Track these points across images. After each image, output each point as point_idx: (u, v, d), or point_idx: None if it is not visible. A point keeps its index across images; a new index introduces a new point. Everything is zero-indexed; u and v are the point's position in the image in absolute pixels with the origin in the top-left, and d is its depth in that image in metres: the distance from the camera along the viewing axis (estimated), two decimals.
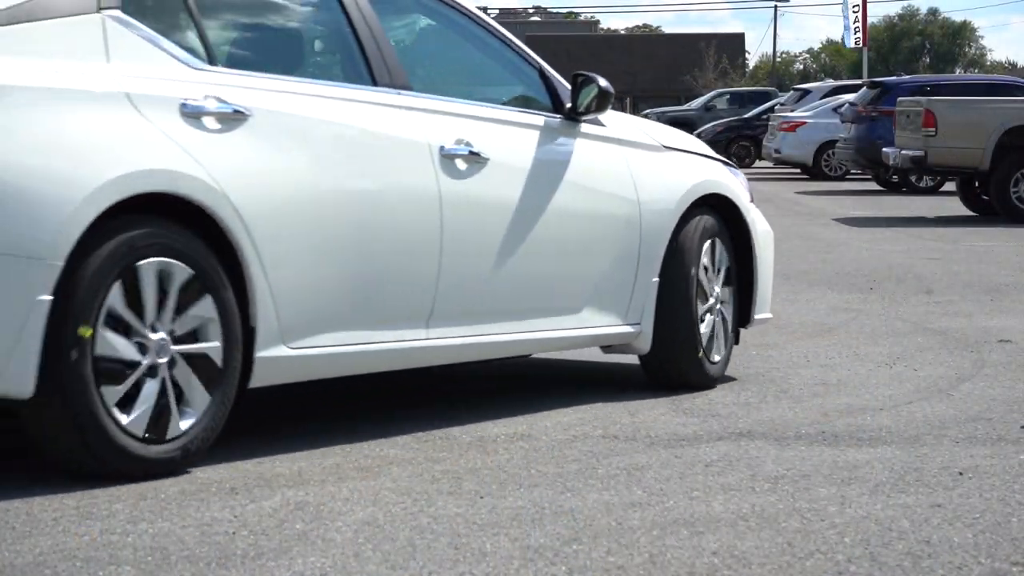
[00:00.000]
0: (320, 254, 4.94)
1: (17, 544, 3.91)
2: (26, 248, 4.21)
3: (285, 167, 4.87)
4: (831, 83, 38.09)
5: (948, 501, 4.40)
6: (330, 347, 5.04)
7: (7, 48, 4.37)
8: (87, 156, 4.38)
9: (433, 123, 5.39)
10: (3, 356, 4.19)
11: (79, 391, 4.33)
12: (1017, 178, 17.18)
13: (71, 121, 4.40)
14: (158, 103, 4.62)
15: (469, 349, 5.60)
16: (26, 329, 4.20)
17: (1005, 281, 10.82)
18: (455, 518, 4.19)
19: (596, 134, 6.01)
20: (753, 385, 6.56)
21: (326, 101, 5.09)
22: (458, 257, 5.39)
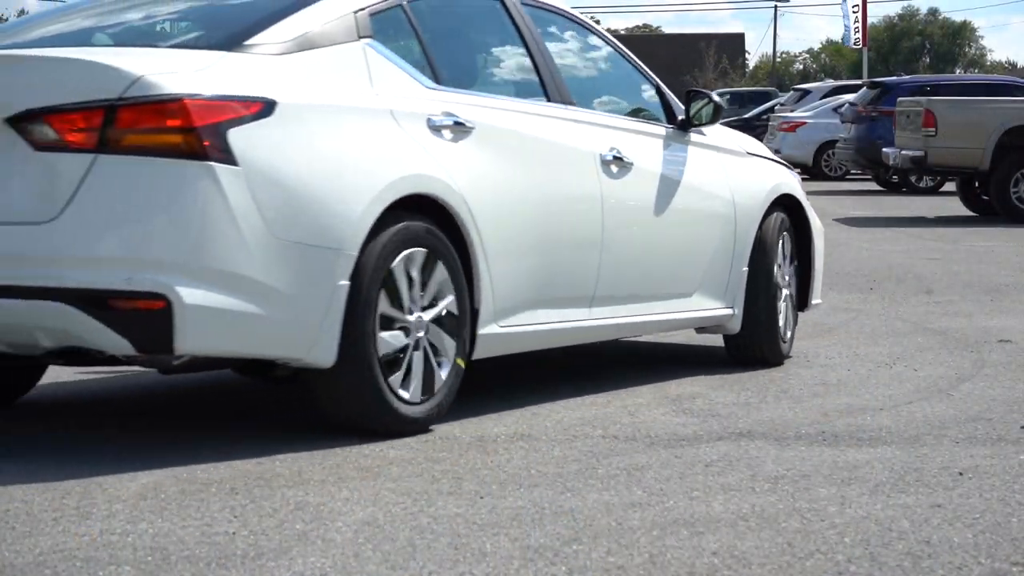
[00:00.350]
0: (521, 246, 5.73)
1: (17, 544, 3.91)
2: (329, 241, 4.92)
3: (499, 172, 5.66)
4: (831, 83, 38.10)
5: (948, 501, 4.40)
6: (525, 326, 5.84)
7: (295, 73, 5.11)
8: (369, 162, 5.15)
9: (592, 133, 6.26)
10: (313, 332, 4.89)
11: (368, 365, 5.06)
12: (1017, 178, 17.18)
13: (353, 132, 5.17)
14: (412, 118, 5.41)
15: (616, 329, 6.47)
16: (330, 309, 4.91)
17: (1005, 281, 10.82)
18: (455, 518, 4.19)
19: (701, 142, 6.90)
20: (753, 385, 6.56)
21: (520, 115, 5.95)
22: (612, 248, 6.21)
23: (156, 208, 4.66)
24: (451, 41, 6.04)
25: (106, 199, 4.64)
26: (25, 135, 4.71)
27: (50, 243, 4.64)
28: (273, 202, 4.79)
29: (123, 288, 4.57)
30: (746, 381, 6.65)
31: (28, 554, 3.82)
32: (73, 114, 4.67)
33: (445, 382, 5.43)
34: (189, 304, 4.58)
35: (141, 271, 4.59)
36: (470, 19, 6.23)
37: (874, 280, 10.93)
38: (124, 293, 4.57)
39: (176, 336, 4.59)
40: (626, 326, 6.49)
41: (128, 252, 4.63)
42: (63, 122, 4.67)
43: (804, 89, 34.39)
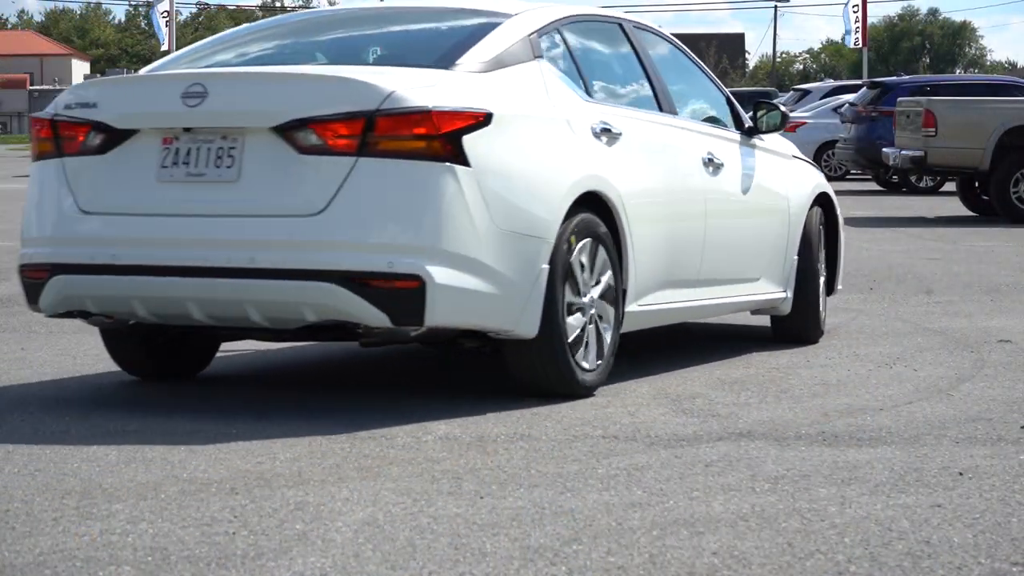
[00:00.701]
0: (654, 234, 6.57)
1: (17, 544, 3.91)
2: (535, 230, 5.79)
3: (640, 171, 6.54)
4: (831, 83, 38.10)
5: (948, 501, 4.40)
6: (654, 305, 6.66)
7: (496, 88, 5.95)
8: (559, 164, 6.03)
9: (693, 138, 7.15)
10: (522, 308, 5.73)
11: (561, 338, 5.89)
12: (1017, 178, 17.18)
13: (545, 138, 6.05)
14: (581, 126, 6.27)
15: (711, 309, 7.36)
16: (535, 289, 5.76)
17: (1005, 281, 10.82)
18: (455, 518, 4.19)
19: (762, 146, 7.79)
20: (753, 385, 6.56)
21: (648, 123, 6.81)
22: (711, 237, 7.06)
23: (408, 202, 5.51)
24: (591, 59, 6.82)
25: (366, 195, 5.51)
26: (290, 141, 5.56)
27: (318, 232, 5.50)
28: (495, 197, 5.67)
29: (384, 270, 5.45)
30: (746, 381, 6.66)
31: (28, 554, 3.82)
32: (336, 123, 5.51)
33: (610, 346, 6.26)
34: (439, 284, 5.48)
35: (399, 256, 5.46)
36: (600, 40, 7.03)
37: (874, 280, 10.93)
38: (385, 274, 5.45)
39: (427, 311, 5.49)
40: (715, 306, 7.37)
41: (386, 239, 5.50)
42: (327, 130, 5.52)
43: (804, 89, 34.38)
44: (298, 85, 5.72)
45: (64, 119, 5.95)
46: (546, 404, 6.02)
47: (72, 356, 7.38)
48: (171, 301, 5.69)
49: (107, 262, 5.73)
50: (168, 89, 5.77)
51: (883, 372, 6.91)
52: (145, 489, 4.52)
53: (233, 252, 5.57)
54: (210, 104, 5.64)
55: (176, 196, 5.73)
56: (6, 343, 7.84)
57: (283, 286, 5.51)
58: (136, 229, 5.75)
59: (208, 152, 5.68)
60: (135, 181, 5.79)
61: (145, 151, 5.78)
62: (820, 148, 28.08)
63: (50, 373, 6.86)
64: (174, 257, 5.64)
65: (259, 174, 5.62)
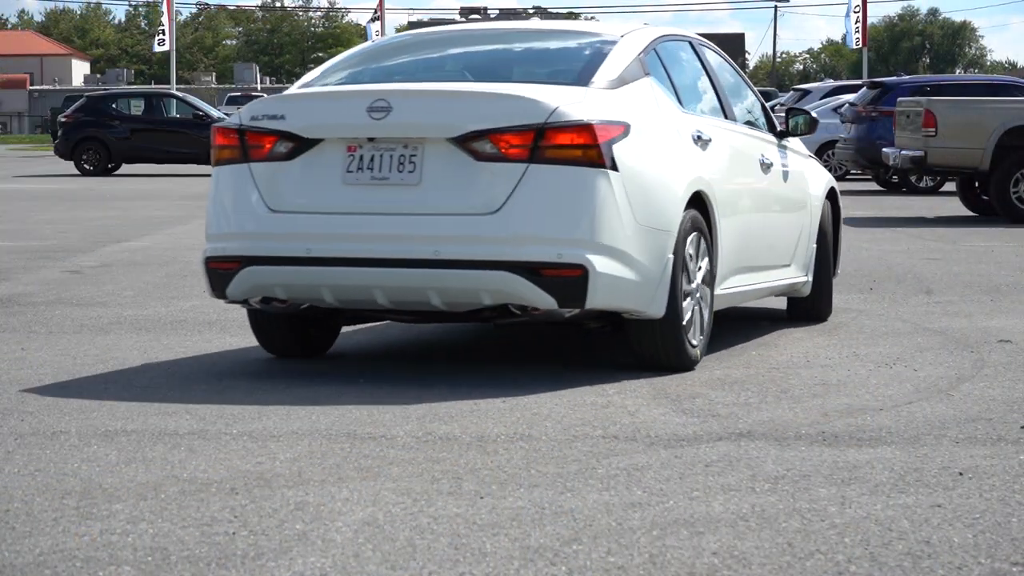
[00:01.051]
0: (733, 227, 7.44)
1: (17, 544, 3.91)
2: (664, 224, 6.62)
3: (723, 173, 7.40)
4: (831, 83, 38.07)
5: (948, 501, 4.40)
6: (729, 289, 7.50)
7: (624, 102, 6.78)
8: (676, 167, 6.86)
9: (752, 142, 8.12)
10: (654, 292, 6.53)
11: (679, 318, 6.69)
12: (1017, 178, 17.17)
13: (665, 145, 6.89)
14: (685, 134, 7.11)
15: (759, 292, 8.13)
16: (663, 275, 6.57)
17: (1005, 281, 10.82)
18: (455, 518, 4.19)
19: (789, 147, 8.67)
20: (753, 385, 6.56)
21: (723, 130, 7.67)
22: (763, 229, 7.96)
23: (571, 202, 6.35)
24: (678, 73, 7.59)
25: (536, 196, 6.33)
26: (468, 150, 6.39)
27: (495, 229, 6.32)
28: (635, 197, 6.50)
29: (554, 260, 6.28)
30: (746, 381, 6.66)
31: (28, 554, 3.82)
32: (510, 134, 6.35)
33: (708, 325, 7.11)
34: (599, 272, 6.32)
35: (565, 248, 6.30)
36: (680, 56, 7.82)
37: (874, 280, 10.93)
38: (554, 264, 6.28)
39: (588, 296, 6.31)
40: (760, 290, 8.10)
41: (554, 234, 6.32)
42: (501, 140, 6.36)
43: (804, 89, 34.35)
44: (475, 101, 6.51)
45: (251, 129, 6.67)
46: (546, 404, 6.03)
47: (72, 356, 7.38)
48: (358, 289, 6.49)
49: (300, 255, 6.50)
50: (354, 104, 6.54)
51: (883, 372, 6.91)
52: (145, 489, 4.52)
53: (418, 246, 6.36)
54: (394, 117, 6.44)
55: (362, 197, 6.51)
56: (6, 343, 7.84)
57: (464, 275, 6.34)
58: (326, 226, 6.51)
59: (391, 159, 6.49)
60: (322, 184, 6.56)
61: (331, 157, 6.56)
62: (820, 148, 28.03)
63: (50, 373, 6.86)
64: (363, 250, 6.43)
65: (439, 178, 6.43)
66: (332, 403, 6.09)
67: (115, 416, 5.82)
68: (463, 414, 5.82)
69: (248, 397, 6.25)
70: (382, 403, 6.09)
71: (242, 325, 8.48)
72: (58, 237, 14.83)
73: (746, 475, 4.76)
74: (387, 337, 8.11)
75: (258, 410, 5.93)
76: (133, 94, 35.07)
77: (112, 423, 5.67)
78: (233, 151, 6.71)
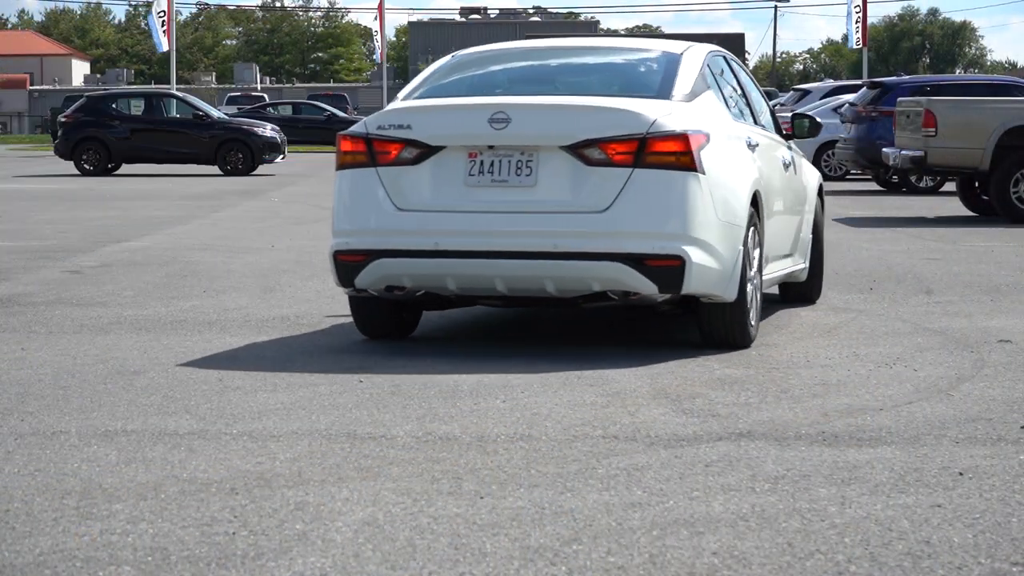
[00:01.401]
0: (770, 223, 8.31)
1: (17, 544, 3.91)
2: (737, 220, 7.54)
3: (766, 174, 8.31)
4: (831, 83, 38.06)
5: (948, 501, 4.40)
6: (766, 276, 8.32)
7: (698, 113, 7.61)
8: (741, 169, 7.81)
9: (777, 146, 9.00)
10: (729, 279, 7.39)
11: (746, 302, 7.59)
12: (1017, 178, 17.15)
13: (731, 150, 7.78)
14: (741, 139, 8.04)
15: (781, 277, 8.97)
16: (736, 265, 7.44)
17: (1005, 281, 10.82)
18: (455, 518, 4.19)
19: (791, 147, 9.49)
20: (753, 385, 6.56)
21: (758, 135, 8.49)
22: (785, 222, 8.86)
23: (670, 201, 7.23)
24: (723, 85, 8.44)
25: (640, 196, 7.21)
26: (579, 156, 7.28)
27: (605, 225, 7.20)
28: (716, 196, 7.36)
29: (657, 252, 7.16)
30: (746, 381, 6.66)
31: (28, 554, 3.82)
32: (617, 143, 7.25)
33: (759, 305, 8.02)
34: (694, 262, 7.19)
35: (666, 241, 7.18)
36: (723, 70, 8.68)
37: (874, 280, 10.93)
38: (657, 255, 7.16)
39: (684, 283, 7.18)
40: (781, 277, 8.94)
41: (656, 229, 7.20)
42: (609, 148, 7.25)
43: (804, 89, 34.34)
44: (585, 114, 7.40)
45: (378, 137, 7.47)
46: (546, 404, 6.03)
47: (72, 356, 7.38)
48: (480, 278, 7.33)
49: (429, 248, 7.30)
50: (476, 115, 7.40)
51: (883, 372, 6.91)
52: (145, 489, 4.52)
53: (536, 240, 7.22)
54: (513, 128, 7.31)
55: (483, 197, 7.34)
56: (6, 343, 7.84)
57: (578, 265, 7.19)
58: (451, 223, 7.32)
59: (509, 164, 7.35)
60: (446, 185, 7.38)
61: (453, 163, 7.39)
62: (820, 148, 28.03)
63: (50, 373, 6.86)
64: (485, 244, 7.27)
65: (553, 180, 7.31)
66: (332, 403, 6.09)
67: (115, 416, 5.82)
68: (463, 414, 5.82)
69: (248, 397, 6.25)
70: (382, 403, 6.09)
71: (242, 325, 8.48)
72: (58, 237, 14.83)
73: (746, 475, 4.76)
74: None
75: (258, 410, 5.93)
76: (133, 94, 35.06)
77: (112, 423, 5.67)
78: (360, 156, 7.52)
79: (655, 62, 8.13)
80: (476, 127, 7.35)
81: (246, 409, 5.96)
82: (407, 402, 6.11)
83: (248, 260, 12.37)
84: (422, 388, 6.44)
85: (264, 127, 31.61)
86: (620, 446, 5.23)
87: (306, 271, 11.43)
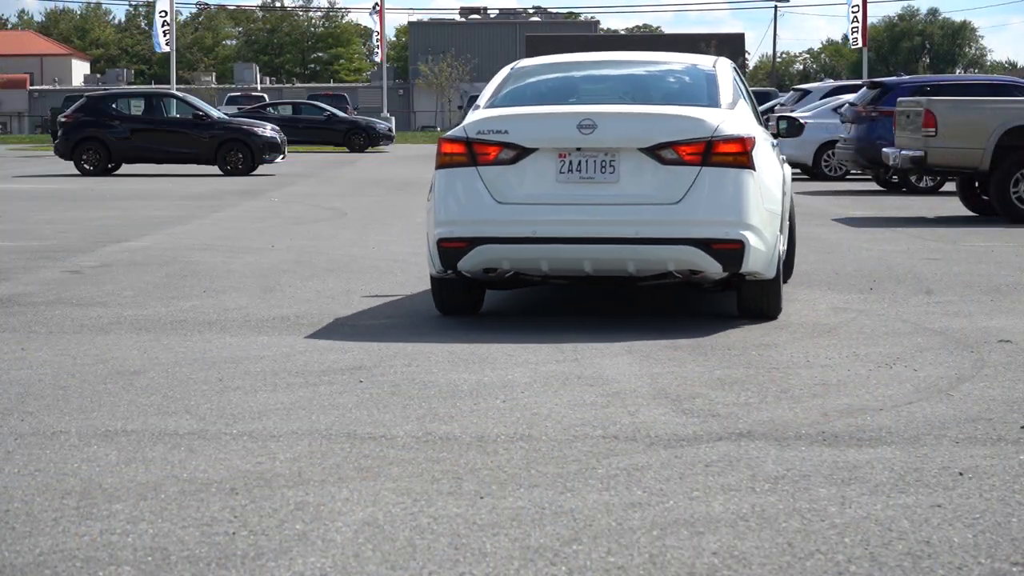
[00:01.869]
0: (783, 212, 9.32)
1: (17, 544, 3.91)
2: (776, 208, 8.89)
3: (784, 168, 9.76)
4: (831, 83, 38.05)
5: (948, 501, 4.40)
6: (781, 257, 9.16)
7: (740, 119, 8.80)
8: (775, 166, 9.32)
9: (774, 143, 9.91)
10: (770, 259, 8.58)
11: (780, 280, 8.84)
12: (1017, 178, 17.14)
13: (767, 150, 9.10)
14: (770, 140, 9.60)
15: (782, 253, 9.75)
16: (776, 246, 8.68)
17: (1005, 281, 10.82)
18: (455, 518, 4.19)
19: (776, 143, 10.31)
20: (753, 385, 6.56)
21: (769, 135, 9.66)
22: (785, 207, 9.56)
23: (731, 194, 8.41)
24: (744, 94, 9.59)
25: (707, 190, 8.40)
26: (655, 156, 8.46)
27: (678, 215, 8.36)
28: (763, 189, 8.62)
29: (723, 237, 8.34)
30: (746, 381, 6.66)
31: (28, 554, 3.82)
32: (687, 145, 8.44)
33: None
34: (752, 246, 8.39)
35: (729, 228, 8.35)
36: (738, 80, 9.81)
37: (874, 280, 10.93)
38: (723, 240, 8.34)
39: (743, 263, 8.38)
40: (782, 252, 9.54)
41: (721, 217, 8.36)
42: (681, 149, 8.44)
43: (804, 89, 34.32)
44: (660, 120, 8.63)
45: (477, 140, 8.55)
46: (546, 404, 6.03)
47: (72, 356, 7.38)
48: (571, 261, 8.42)
49: (527, 235, 8.38)
50: (566, 122, 8.54)
51: (883, 372, 6.91)
52: (145, 489, 4.52)
53: (620, 228, 8.35)
54: (599, 133, 8.46)
55: (572, 192, 8.46)
56: (6, 343, 7.84)
57: (656, 249, 8.36)
58: (545, 213, 8.42)
59: (594, 163, 8.48)
60: (539, 182, 8.50)
61: (545, 162, 8.52)
62: (820, 148, 28.03)
63: (50, 373, 6.86)
64: (576, 231, 8.37)
65: (632, 177, 8.47)
66: (332, 403, 6.09)
67: (115, 416, 5.82)
68: (463, 414, 5.82)
69: (248, 397, 6.25)
70: (382, 403, 6.09)
71: (242, 325, 8.48)
72: (58, 237, 14.83)
73: (746, 475, 4.76)
74: (386, 334, 8.12)
75: (258, 410, 5.93)
76: (133, 94, 35.02)
77: (112, 423, 5.67)
78: (460, 157, 8.59)
79: (696, 74, 9.51)
80: (566, 132, 8.50)
81: (246, 409, 5.96)
82: (407, 402, 6.11)
83: (248, 260, 12.37)
84: (422, 388, 6.45)
85: (264, 127, 31.59)
86: (620, 446, 5.23)
87: (306, 271, 11.43)
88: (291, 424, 5.63)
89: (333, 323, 8.60)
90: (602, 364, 7.12)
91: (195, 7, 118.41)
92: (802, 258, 12.59)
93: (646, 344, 7.80)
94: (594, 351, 7.57)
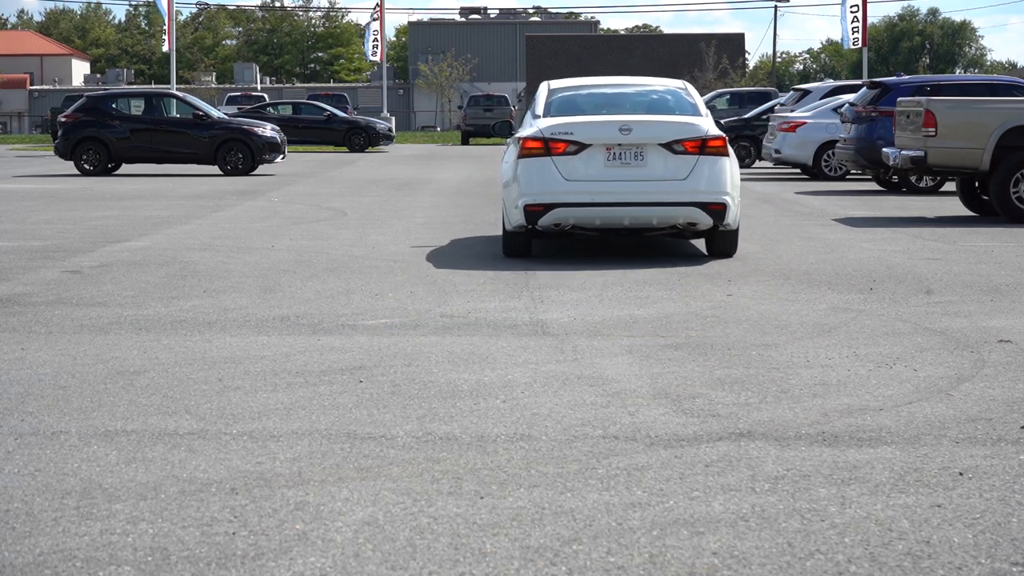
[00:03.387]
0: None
1: (17, 544, 3.91)
2: (738, 182, 12.57)
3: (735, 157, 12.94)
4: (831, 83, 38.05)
5: (948, 501, 4.40)
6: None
7: (714, 123, 12.73)
8: (735, 156, 12.95)
9: None
10: (735, 215, 12.51)
11: (737, 230, 13.19)
12: (1017, 178, 17.15)
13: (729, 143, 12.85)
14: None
15: None
16: (739, 208, 12.92)
17: (1005, 281, 10.82)
18: (455, 518, 4.19)
19: None
20: (753, 385, 6.56)
21: None
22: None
23: (718, 173, 12.27)
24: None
25: (703, 171, 12.25)
26: (670, 149, 12.28)
27: (686, 186, 12.22)
28: (733, 168, 12.44)
29: (714, 200, 12.20)
30: (746, 381, 6.66)
31: (28, 554, 3.82)
32: (690, 141, 12.28)
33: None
34: (731, 207, 12.29)
35: (717, 195, 12.20)
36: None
37: (874, 280, 10.93)
38: (714, 203, 12.20)
39: (726, 218, 12.27)
40: None
41: (712, 188, 12.22)
42: (686, 144, 12.27)
43: (804, 89, 34.32)
44: (672, 125, 12.48)
45: (551, 138, 12.34)
46: (546, 404, 6.04)
47: (72, 356, 7.39)
48: (615, 218, 12.32)
49: (586, 201, 12.23)
50: (612, 127, 12.40)
51: (883, 372, 6.91)
52: (145, 489, 4.52)
53: (647, 196, 12.24)
54: (634, 134, 12.33)
55: (616, 173, 12.32)
56: (6, 343, 7.84)
57: (671, 209, 12.25)
58: (599, 188, 12.28)
59: (629, 154, 12.34)
60: (594, 167, 12.33)
61: (597, 154, 12.36)
62: (820, 148, 28.05)
63: (50, 373, 6.86)
64: (620, 198, 12.24)
65: (655, 163, 12.31)
66: (332, 403, 6.09)
67: (115, 416, 5.82)
68: (463, 414, 5.82)
69: (248, 397, 6.25)
70: (382, 403, 6.10)
71: (242, 325, 8.48)
72: (58, 237, 14.83)
73: (746, 475, 4.76)
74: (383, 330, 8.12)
75: (258, 410, 5.93)
76: (133, 94, 35.00)
77: (112, 423, 5.67)
78: (537, 150, 12.37)
79: (678, 93, 13.60)
80: (611, 133, 12.36)
81: (246, 409, 5.96)
82: (407, 402, 6.11)
83: (248, 260, 12.37)
84: (422, 388, 6.45)
85: (264, 127, 31.58)
86: (620, 446, 5.23)
87: (306, 271, 11.43)
88: (291, 424, 5.63)
89: (333, 323, 8.61)
90: (602, 364, 7.12)
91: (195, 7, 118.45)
92: (802, 258, 12.60)
93: (646, 344, 7.80)
94: (594, 351, 7.57)
